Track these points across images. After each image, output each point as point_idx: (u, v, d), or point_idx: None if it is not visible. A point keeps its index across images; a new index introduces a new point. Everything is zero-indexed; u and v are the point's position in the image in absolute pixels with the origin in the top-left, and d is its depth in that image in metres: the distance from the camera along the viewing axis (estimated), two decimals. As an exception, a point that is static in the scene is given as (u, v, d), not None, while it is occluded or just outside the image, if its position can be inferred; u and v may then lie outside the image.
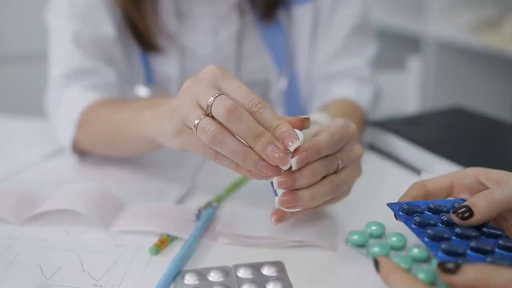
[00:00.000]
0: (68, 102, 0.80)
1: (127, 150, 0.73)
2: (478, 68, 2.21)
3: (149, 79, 0.92)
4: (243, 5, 0.89)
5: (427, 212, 0.49)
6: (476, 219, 0.46)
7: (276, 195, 0.51)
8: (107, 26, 0.85)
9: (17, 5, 2.00)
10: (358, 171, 0.58)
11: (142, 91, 0.91)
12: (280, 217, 0.55)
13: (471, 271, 0.36)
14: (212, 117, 0.50)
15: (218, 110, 0.49)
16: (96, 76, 0.83)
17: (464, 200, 0.50)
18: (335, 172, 0.54)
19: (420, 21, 2.22)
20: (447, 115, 0.93)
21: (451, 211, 0.47)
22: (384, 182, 0.73)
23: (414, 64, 1.32)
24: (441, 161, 0.72)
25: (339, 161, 0.54)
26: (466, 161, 0.68)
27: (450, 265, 0.37)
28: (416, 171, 0.75)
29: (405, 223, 0.47)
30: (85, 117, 0.77)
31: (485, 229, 0.46)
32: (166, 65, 0.91)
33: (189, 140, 0.55)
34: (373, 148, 0.84)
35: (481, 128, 0.86)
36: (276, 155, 0.48)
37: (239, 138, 0.49)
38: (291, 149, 0.48)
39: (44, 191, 0.68)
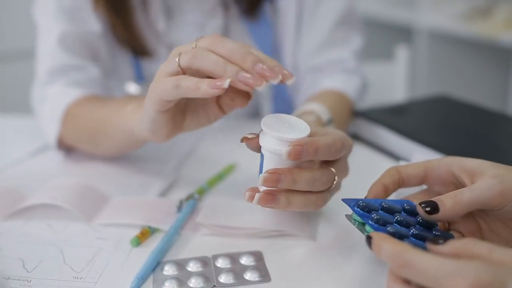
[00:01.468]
0: (52, 98, 0.81)
1: (109, 146, 0.73)
2: (470, 57, 2.21)
3: (139, 76, 0.93)
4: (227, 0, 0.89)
5: (380, 211, 0.49)
6: (439, 216, 0.47)
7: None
8: (93, 23, 0.86)
9: (4, 2, 2.01)
10: (338, 189, 0.57)
11: (132, 88, 0.92)
12: (252, 197, 0.51)
13: (457, 242, 0.40)
14: None
15: (204, 40, 0.51)
16: (80, 72, 0.83)
17: (411, 202, 0.51)
18: (329, 188, 0.53)
19: (412, 11, 2.22)
20: (432, 104, 0.94)
21: (418, 203, 0.48)
22: (369, 172, 0.73)
23: (403, 54, 1.32)
24: (425, 150, 0.73)
25: (334, 182, 0.53)
26: (449, 149, 0.69)
27: (440, 241, 0.41)
28: (406, 160, 0.76)
29: (362, 218, 0.48)
30: (69, 113, 0.78)
31: (435, 232, 0.48)
32: (155, 62, 0.91)
33: (162, 88, 0.53)
34: (358, 138, 0.85)
35: (466, 117, 0.87)
36: (267, 73, 0.48)
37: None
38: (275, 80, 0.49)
39: (30, 187, 0.69)
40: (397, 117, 0.85)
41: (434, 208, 0.47)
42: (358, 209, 0.49)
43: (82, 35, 0.85)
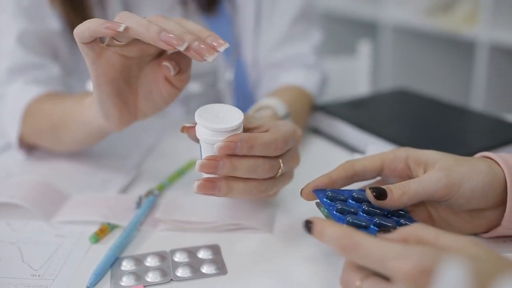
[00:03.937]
0: (12, 97, 0.80)
1: (70, 140, 0.73)
2: (433, 52, 2.26)
3: None
4: None
5: (350, 201, 0.51)
6: (387, 203, 0.49)
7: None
8: (52, 20, 0.85)
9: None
10: (289, 178, 0.58)
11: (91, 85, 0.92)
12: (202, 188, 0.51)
13: (405, 228, 0.42)
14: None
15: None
16: (40, 71, 0.83)
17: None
18: (273, 177, 0.54)
19: (376, 6, 2.25)
20: (390, 97, 0.96)
21: (367, 187, 0.50)
22: (328, 166, 0.74)
23: (365, 49, 1.35)
24: (380, 142, 0.74)
25: (279, 170, 0.53)
26: (404, 141, 0.70)
27: (389, 229, 0.44)
28: (360, 153, 0.77)
29: (328, 209, 0.49)
30: (29, 111, 0.77)
31: (402, 221, 0.49)
32: None
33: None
34: (317, 132, 0.86)
35: (423, 109, 0.89)
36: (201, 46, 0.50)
37: None
38: (221, 50, 0.50)
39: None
40: (355, 111, 0.87)
41: (381, 194, 0.49)
42: (327, 200, 0.50)
43: (41, 33, 0.84)
